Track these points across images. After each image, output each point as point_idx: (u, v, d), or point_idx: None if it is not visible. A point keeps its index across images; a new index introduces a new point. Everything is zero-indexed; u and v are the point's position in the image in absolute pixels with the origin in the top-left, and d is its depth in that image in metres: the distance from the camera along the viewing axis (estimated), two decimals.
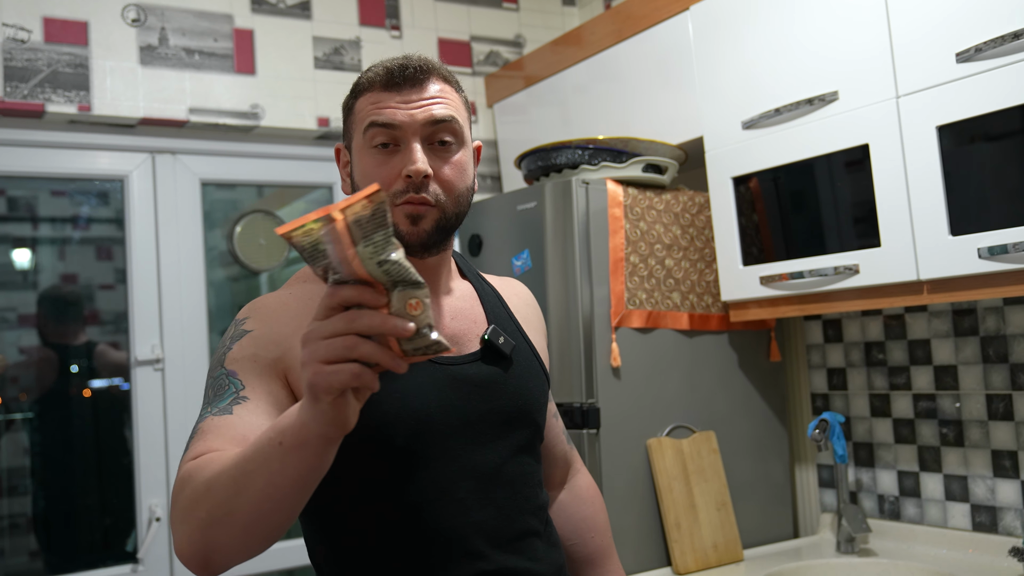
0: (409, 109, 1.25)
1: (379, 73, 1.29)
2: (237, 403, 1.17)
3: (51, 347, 2.83)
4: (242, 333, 1.24)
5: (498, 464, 1.30)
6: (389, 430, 1.22)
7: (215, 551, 1.06)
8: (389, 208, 0.88)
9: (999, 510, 2.16)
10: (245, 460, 1.01)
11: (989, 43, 1.73)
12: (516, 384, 1.36)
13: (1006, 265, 1.74)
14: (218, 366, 1.23)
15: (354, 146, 1.31)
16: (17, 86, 2.49)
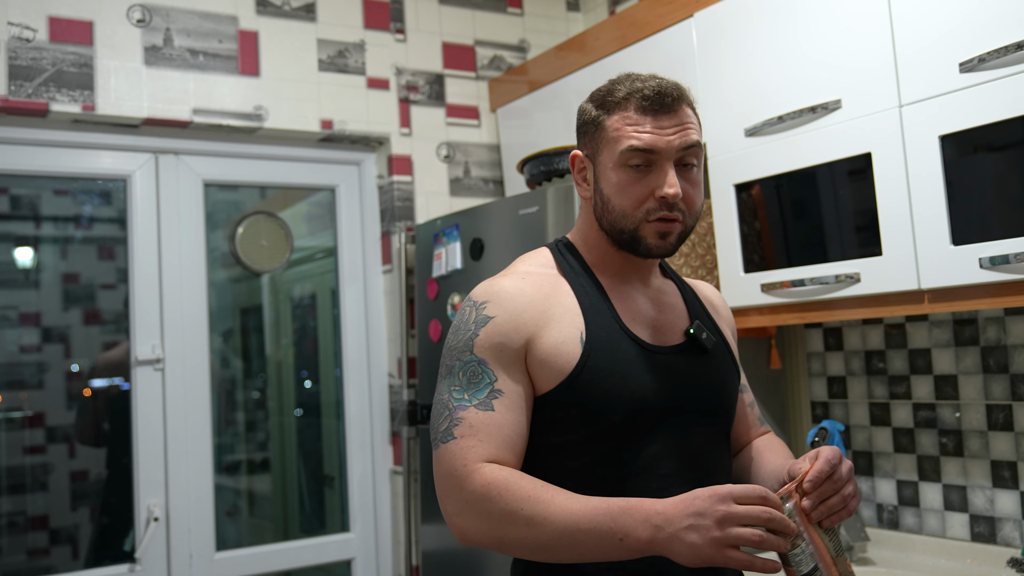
0: (665, 136, 1.35)
1: (634, 95, 1.37)
2: (494, 397, 1.31)
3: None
4: (485, 319, 1.35)
5: (697, 448, 1.39)
6: (611, 409, 1.32)
7: (500, 550, 1.28)
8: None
9: (998, 520, 2.16)
10: (577, 528, 1.20)
11: (992, 53, 1.73)
12: (716, 377, 1.46)
13: (1007, 275, 1.74)
14: (467, 350, 1.34)
15: (602, 160, 1.40)
16: (22, 85, 2.49)
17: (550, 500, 1.22)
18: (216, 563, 2.73)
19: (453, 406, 1.32)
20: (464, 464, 1.28)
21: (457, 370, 1.34)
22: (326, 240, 3.16)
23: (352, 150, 3.09)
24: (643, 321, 1.42)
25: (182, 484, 2.70)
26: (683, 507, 1.16)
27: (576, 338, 1.34)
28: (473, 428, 1.29)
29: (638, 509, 1.18)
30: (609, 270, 1.45)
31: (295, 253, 3.10)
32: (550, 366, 1.33)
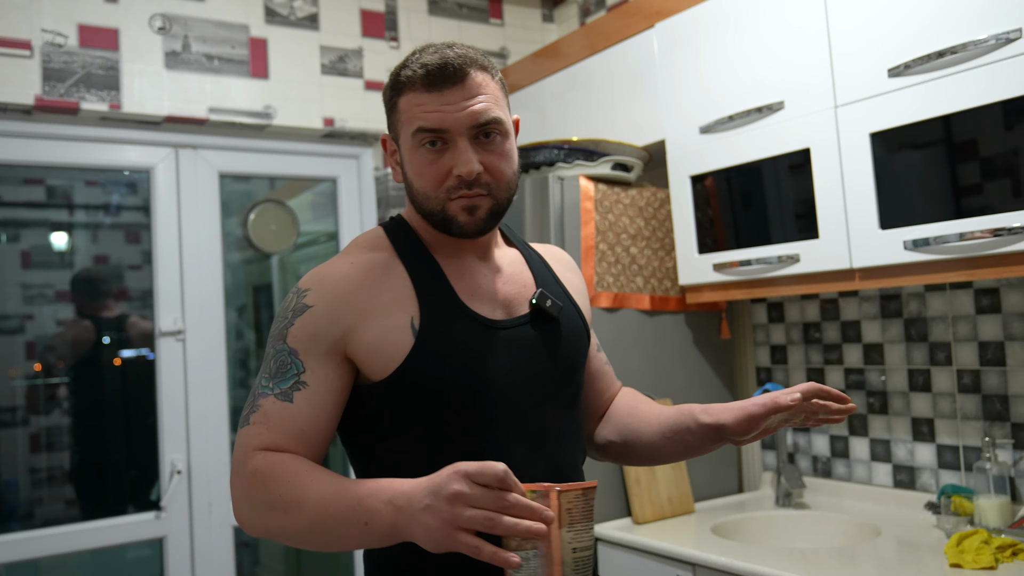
0: (454, 112, 1.15)
1: (418, 72, 1.17)
2: (297, 389, 1.13)
3: (88, 319, 2.81)
4: (303, 308, 1.17)
5: (547, 421, 1.22)
6: (449, 394, 1.15)
7: (269, 537, 1.10)
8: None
9: (917, 470, 2.18)
10: (327, 514, 1.03)
11: (917, 60, 1.73)
12: (563, 346, 1.27)
13: (928, 256, 1.75)
14: (280, 339, 1.17)
15: (402, 143, 1.21)
16: (55, 85, 2.45)
17: (308, 485, 1.05)
18: (232, 510, 2.72)
19: (258, 393, 1.15)
20: (244, 451, 1.11)
21: (270, 358, 1.17)
22: (328, 225, 3.13)
23: (351, 145, 3.06)
24: (484, 297, 1.23)
25: (202, 441, 2.69)
26: (425, 484, 0.97)
27: (406, 325, 1.15)
28: (267, 416, 1.12)
29: (385, 490, 1.01)
30: (443, 248, 1.24)
31: (301, 237, 3.08)
32: (378, 355, 1.14)
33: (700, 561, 1.90)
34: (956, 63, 1.67)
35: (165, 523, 2.61)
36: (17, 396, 2.78)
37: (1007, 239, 1.61)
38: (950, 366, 2.10)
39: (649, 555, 2.05)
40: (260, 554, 3.41)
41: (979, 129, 1.66)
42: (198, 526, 2.65)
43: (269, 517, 1.07)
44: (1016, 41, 1.58)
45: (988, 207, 1.65)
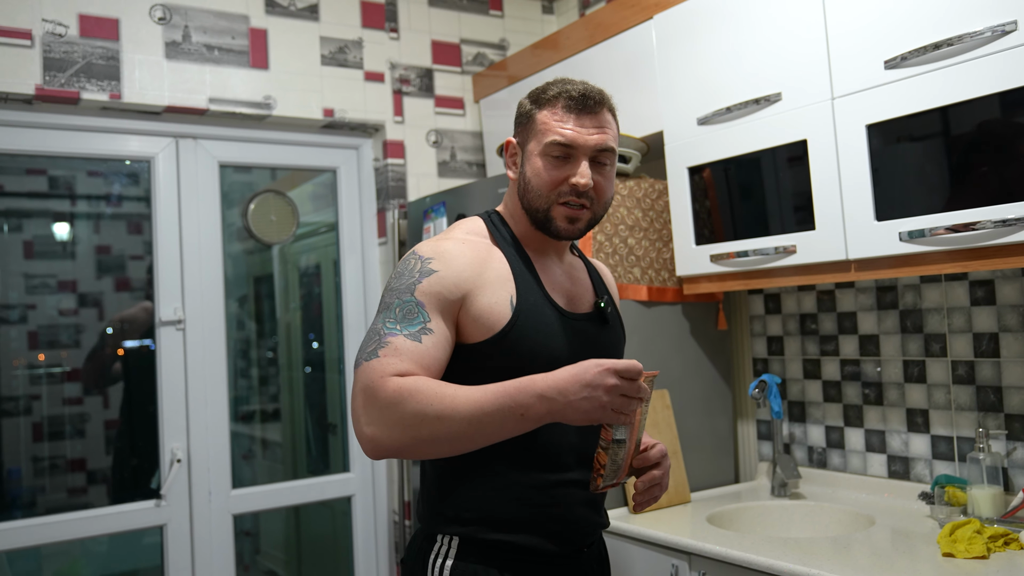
0: (584, 135, 1.38)
1: (563, 96, 1.40)
2: (425, 333, 1.29)
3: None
4: (430, 271, 1.34)
5: None
6: (533, 364, 1.32)
7: (410, 453, 1.25)
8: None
9: (911, 460, 2.18)
10: (483, 412, 1.19)
11: (913, 52, 1.72)
12: (613, 344, 1.52)
13: (923, 247, 1.75)
14: (408, 292, 1.32)
15: (529, 147, 1.42)
16: (55, 75, 2.45)
17: (455, 394, 1.21)
18: (232, 499, 2.73)
19: (384, 332, 1.28)
20: (380, 376, 1.24)
21: (395, 307, 1.31)
22: (328, 216, 3.14)
23: (351, 136, 3.06)
24: (560, 291, 1.46)
25: (202, 430, 2.69)
26: (575, 380, 1.18)
27: (507, 300, 1.36)
28: (397, 350, 1.26)
29: (531, 386, 1.20)
30: (532, 244, 1.47)
31: (301, 228, 3.08)
32: (483, 322, 1.33)
33: (696, 550, 1.90)
34: (952, 55, 1.67)
35: (166, 511, 2.62)
36: (19, 385, 2.79)
37: (1002, 231, 1.61)
38: (945, 357, 2.10)
39: (645, 544, 2.06)
40: (260, 542, 3.42)
41: (975, 121, 1.66)
42: (198, 514, 2.66)
43: (420, 428, 1.21)
44: (1012, 33, 1.58)
45: (984, 199, 1.64)
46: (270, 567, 3.44)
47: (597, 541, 1.52)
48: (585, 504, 1.43)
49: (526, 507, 1.37)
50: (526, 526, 1.37)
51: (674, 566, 1.97)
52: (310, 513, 3.29)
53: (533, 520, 1.38)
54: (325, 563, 3.26)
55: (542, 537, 1.38)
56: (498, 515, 1.37)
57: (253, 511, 2.82)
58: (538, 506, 1.38)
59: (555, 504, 1.39)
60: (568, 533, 1.41)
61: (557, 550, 1.39)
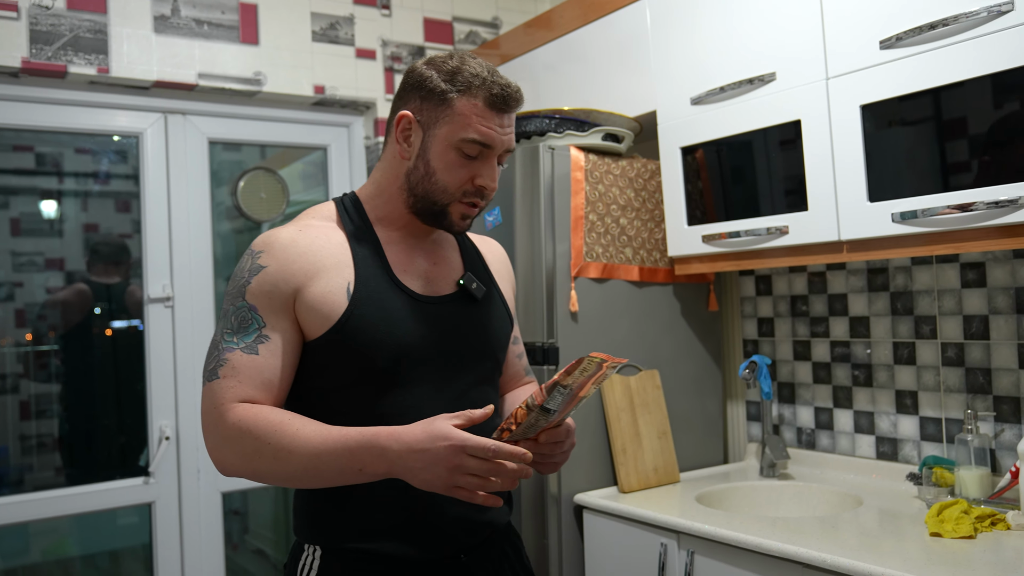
0: (501, 135, 1.30)
1: (485, 88, 1.28)
2: (261, 342, 1.23)
3: (88, 284, 2.80)
4: (258, 268, 1.26)
5: (463, 391, 1.34)
6: (375, 355, 1.25)
7: (258, 480, 1.22)
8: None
9: (900, 441, 2.19)
10: (320, 460, 1.15)
11: (908, 32, 1.71)
12: (483, 325, 1.39)
13: (916, 228, 1.74)
14: (239, 296, 1.26)
15: (439, 134, 1.29)
16: (42, 48, 2.41)
17: (295, 434, 1.16)
18: (220, 477, 2.72)
19: (222, 347, 1.23)
20: (222, 402, 1.19)
21: (230, 314, 1.25)
22: (319, 195, 3.11)
23: (342, 113, 3.03)
24: (415, 273, 1.35)
25: (190, 407, 2.68)
26: (419, 452, 1.11)
27: (343, 288, 1.26)
28: (236, 369, 1.21)
29: (374, 444, 1.14)
30: (393, 225, 1.36)
31: (291, 207, 3.06)
32: (316, 313, 1.24)
33: (684, 529, 1.91)
34: (947, 35, 1.66)
35: (153, 488, 2.61)
36: (7, 363, 2.77)
37: (994, 212, 1.61)
38: (935, 339, 2.10)
39: (634, 523, 2.06)
40: (249, 521, 3.42)
41: (968, 103, 1.65)
42: (186, 491, 2.65)
43: (258, 463, 1.18)
44: (1008, 13, 1.57)
45: (976, 181, 1.64)
46: (258, 546, 3.44)
47: (487, 542, 1.38)
48: (459, 505, 1.30)
49: (391, 513, 1.27)
50: (391, 533, 1.28)
51: (663, 545, 1.97)
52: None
53: (400, 526, 1.28)
54: None
55: (410, 544, 1.28)
56: (361, 523, 1.28)
57: (241, 489, 2.81)
58: (405, 510, 1.27)
59: (426, 508, 1.28)
60: (439, 539, 1.30)
61: (427, 557, 1.29)
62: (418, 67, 1.34)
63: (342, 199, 1.40)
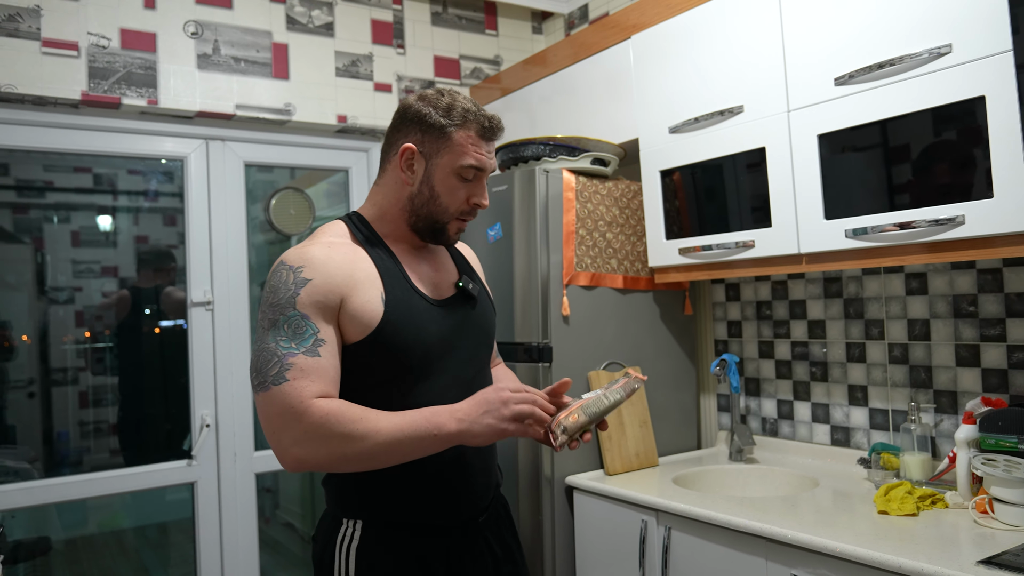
0: (490, 160, 1.37)
1: (476, 121, 1.34)
2: (319, 345, 1.22)
3: (136, 288, 2.81)
4: (304, 281, 1.24)
5: (472, 377, 1.40)
6: (408, 354, 1.30)
7: (329, 469, 1.22)
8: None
9: (852, 430, 2.19)
10: (402, 433, 1.19)
11: (860, 71, 1.72)
12: (481, 318, 1.45)
13: (865, 243, 1.74)
14: (290, 306, 1.23)
15: (440, 163, 1.33)
16: (99, 82, 2.42)
17: (376, 418, 1.19)
18: (255, 460, 2.72)
19: (282, 353, 1.20)
20: (300, 401, 1.18)
21: (281, 323, 1.22)
22: (341, 211, 3.12)
23: (362, 140, 3.04)
24: (426, 280, 1.38)
25: (228, 398, 2.68)
26: (477, 404, 1.22)
27: (378, 298, 1.28)
28: (304, 371, 1.19)
29: (443, 410, 1.22)
30: (399, 240, 1.39)
31: (316, 221, 3.06)
32: (358, 321, 1.25)
33: (662, 507, 1.91)
34: (894, 73, 1.66)
35: (196, 470, 2.61)
36: (68, 359, 2.77)
37: (934, 229, 1.61)
38: (883, 340, 2.10)
39: (619, 502, 2.06)
40: (280, 497, 3.41)
41: (912, 133, 1.65)
42: (224, 472, 2.65)
43: (347, 447, 1.18)
44: (946, 55, 1.57)
45: (919, 201, 1.64)
46: (288, 520, 3.44)
47: (493, 502, 1.44)
48: (481, 472, 1.38)
49: (420, 484, 1.31)
50: (422, 502, 1.31)
51: (643, 521, 1.97)
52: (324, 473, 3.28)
53: (430, 498, 1.31)
54: None
55: (439, 513, 1.32)
56: (397, 496, 1.30)
57: (273, 471, 2.81)
58: (435, 484, 1.32)
59: (452, 479, 1.33)
60: (464, 505, 1.35)
61: (454, 523, 1.34)
62: (414, 104, 1.35)
63: (350, 219, 1.39)
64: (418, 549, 1.30)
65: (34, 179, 2.77)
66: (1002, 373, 1.85)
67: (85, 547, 2.89)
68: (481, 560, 1.37)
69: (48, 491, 2.38)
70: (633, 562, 2.00)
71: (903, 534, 1.55)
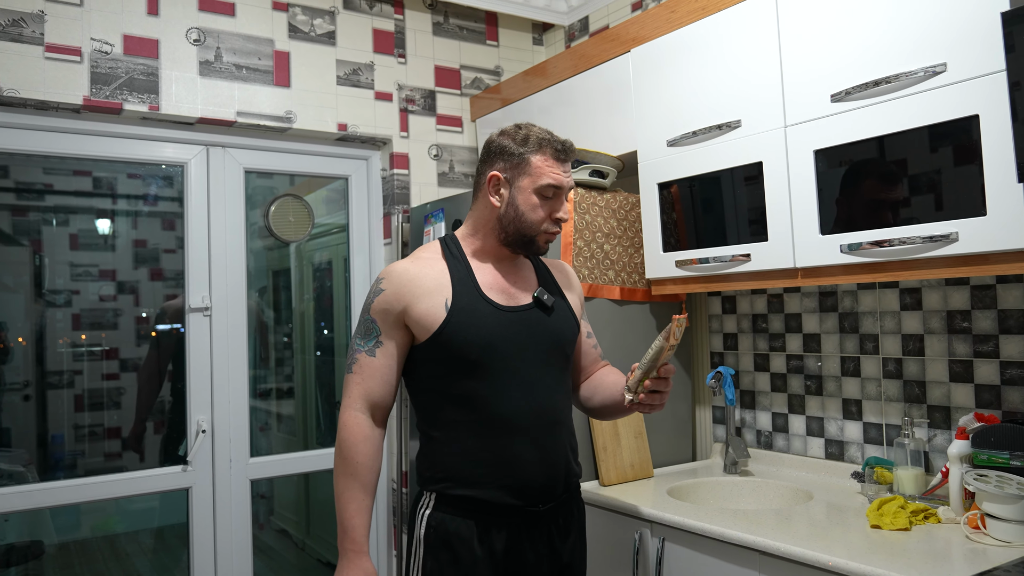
0: (566, 179, 1.56)
1: (550, 145, 1.55)
2: (379, 346, 1.53)
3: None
4: (380, 291, 1.54)
5: (537, 376, 1.54)
6: (467, 351, 1.49)
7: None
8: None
9: (846, 444, 2.20)
10: (339, 500, 1.51)
11: (856, 88, 1.73)
12: (554, 326, 1.59)
13: (860, 258, 1.76)
14: (366, 311, 1.55)
15: (522, 184, 1.55)
16: (101, 88, 2.43)
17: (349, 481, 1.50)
18: (250, 466, 2.72)
19: (355, 349, 1.54)
20: (348, 395, 1.53)
21: (361, 324, 1.55)
22: (340, 218, 3.13)
23: (362, 148, 3.05)
24: (498, 289, 1.57)
25: (224, 404, 2.68)
26: (341, 566, 1.50)
27: (442, 304, 1.50)
28: (361, 367, 1.53)
29: (352, 541, 1.49)
30: (486, 255, 1.60)
31: (316, 228, 3.07)
32: (422, 324, 1.50)
33: (657, 519, 1.91)
34: (890, 91, 1.68)
35: (191, 475, 2.61)
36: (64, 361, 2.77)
37: (929, 245, 1.62)
38: (877, 355, 2.11)
39: (614, 513, 2.07)
40: (274, 504, 3.41)
41: (907, 150, 1.67)
42: (219, 478, 2.65)
43: (336, 458, 1.53)
44: (941, 74, 1.59)
45: (914, 218, 1.66)
46: (282, 526, 3.43)
47: (562, 501, 1.58)
48: (538, 465, 1.52)
49: (483, 467, 1.50)
50: (484, 483, 1.50)
51: (638, 532, 1.97)
52: (318, 480, 3.28)
53: (489, 478, 1.50)
54: (331, 524, 3.26)
55: (498, 492, 1.49)
56: (463, 475, 1.51)
57: (268, 477, 2.81)
58: (492, 466, 1.50)
59: (507, 464, 1.50)
60: (520, 489, 1.50)
61: (512, 503, 1.50)
62: (496, 139, 1.59)
63: (445, 239, 1.62)
64: (478, 522, 1.49)
65: (34, 182, 2.78)
66: (995, 389, 1.86)
67: (78, 551, 2.88)
68: (538, 545, 1.53)
69: (42, 495, 2.38)
70: (627, 573, 2.00)
71: (895, 548, 1.56)
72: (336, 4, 2.89)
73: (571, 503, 1.62)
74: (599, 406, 1.70)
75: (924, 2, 1.63)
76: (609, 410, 1.68)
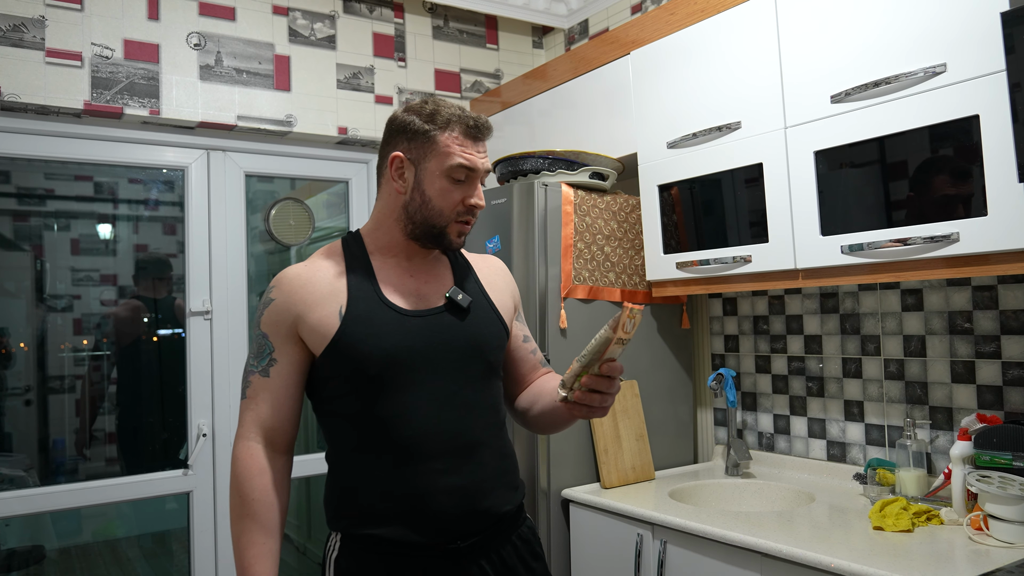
0: (482, 159, 1.34)
1: (460, 122, 1.33)
2: (272, 365, 1.32)
3: (139, 299, 2.81)
4: (269, 301, 1.34)
5: (454, 391, 1.32)
6: (366, 365, 1.28)
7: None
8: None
9: (848, 445, 2.19)
10: (235, 544, 1.30)
11: (856, 89, 1.73)
12: (472, 331, 1.36)
13: (861, 259, 1.75)
14: (257, 326, 1.35)
15: (429, 167, 1.33)
16: (102, 92, 2.43)
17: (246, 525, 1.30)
18: None
19: (248, 370, 1.34)
20: (241, 423, 1.33)
21: (252, 341, 1.36)
22: (341, 222, 3.13)
23: (362, 151, 3.05)
24: (405, 292, 1.35)
25: (225, 408, 2.68)
26: None
27: (336, 312, 1.30)
28: (255, 390, 1.33)
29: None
30: (390, 252, 1.38)
31: (316, 231, 3.07)
32: (316, 335, 1.29)
33: (658, 521, 1.91)
34: (890, 92, 1.68)
35: (192, 479, 2.61)
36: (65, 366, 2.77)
37: (930, 246, 1.62)
38: (879, 356, 2.11)
39: (615, 516, 2.06)
40: None
41: (907, 151, 1.67)
42: (220, 482, 2.65)
43: (231, 494, 1.32)
44: (941, 74, 1.59)
45: (914, 218, 1.65)
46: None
47: (489, 535, 1.33)
48: (452, 495, 1.28)
49: (388, 501, 1.28)
50: (389, 520, 1.28)
51: (639, 535, 1.97)
52: (319, 484, 3.27)
53: (393, 513, 1.28)
54: None
55: (404, 529, 1.27)
56: (367, 511, 1.29)
57: None
58: (398, 499, 1.27)
59: (414, 496, 1.27)
60: (433, 525, 1.27)
61: (419, 541, 1.27)
62: (399, 115, 1.36)
63: (346, 236, 1.42)
64: (389, 565, 1.28)
65: (35, 187, 2.78)
66: (997, 390, 1.86)
67: (79, 556, 2.88)
68: None
69: (43, 499, 2.38)
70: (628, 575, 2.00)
71: (898, 550, 1.55)
72: (336, 8, 2.89)
73: (506, 535, 1.36)
74: (537, 416, 1.44)
75: (924, 2, 1.63)
76: (549, 419, 1.42)
